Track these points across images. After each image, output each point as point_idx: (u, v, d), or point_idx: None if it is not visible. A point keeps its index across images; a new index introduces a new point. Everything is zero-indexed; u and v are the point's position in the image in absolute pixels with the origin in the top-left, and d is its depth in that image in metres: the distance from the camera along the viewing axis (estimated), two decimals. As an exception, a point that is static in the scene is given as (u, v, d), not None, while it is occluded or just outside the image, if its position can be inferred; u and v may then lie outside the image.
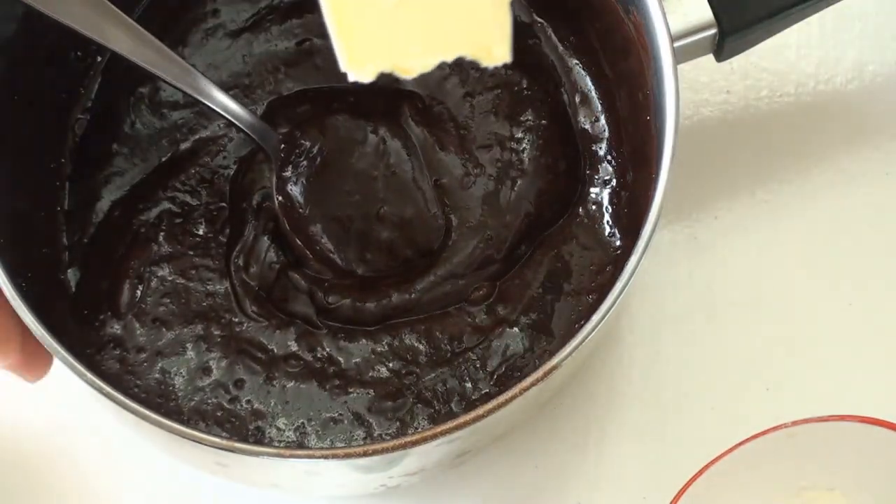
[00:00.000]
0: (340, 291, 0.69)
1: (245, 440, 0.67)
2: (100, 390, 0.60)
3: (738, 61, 0.77)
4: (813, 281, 0.75)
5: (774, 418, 0.64)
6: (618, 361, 0.74)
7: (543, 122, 0.72)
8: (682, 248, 0.76)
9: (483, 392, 0.68)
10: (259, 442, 0.67)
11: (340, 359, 0.69)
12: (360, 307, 0.69)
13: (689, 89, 0.78)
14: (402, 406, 0.68)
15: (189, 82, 0.68)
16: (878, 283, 0.75)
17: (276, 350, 0.69)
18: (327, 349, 0.69)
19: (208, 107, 0.69)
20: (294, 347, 0.69)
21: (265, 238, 0.70)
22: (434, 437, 0.59)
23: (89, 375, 0.60)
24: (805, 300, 0.75)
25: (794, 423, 0.64)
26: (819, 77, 0.79)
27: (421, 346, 0.69)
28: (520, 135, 0.72)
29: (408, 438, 0.59)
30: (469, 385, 0.68)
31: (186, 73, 0.68)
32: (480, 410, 0.59)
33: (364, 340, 0.69)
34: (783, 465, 0.65)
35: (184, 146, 0.72)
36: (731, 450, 0.63)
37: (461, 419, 0.59)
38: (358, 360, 0.69)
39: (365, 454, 0.59)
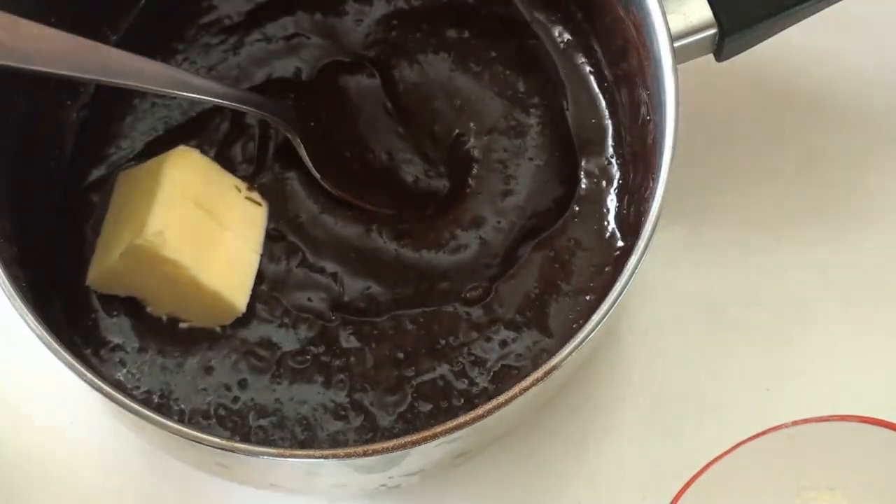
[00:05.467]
0: (355, 280, 0.70)
1: (247, 439, 0.67)
2: (99, 390, 0.60)
3: (738, 61, 0.77)
4: (813, 281, 0.75)
5: (774, 418, 0.64)
6: (618, 362, 0.74)
7: (542, 123, 0.73)
8: (682, 248, 0.75)
9: (481, 388, 0.68)
10: (262, 441, 0.67)
11: (344, 353, 0.69)
12: (371, 297, 0.69)
13: (690, 90, 0.77)
14: (403, 400, 0.68)
15: (183, 85, 0.68)
16: (878, 282, 0.75)
17: (282, 348, 0.69)
18: (333, 344, 0.69)
19: (213, 103, 0.70)
20: (301, 344, 0.69)
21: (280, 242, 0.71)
22: (434, 437, 0.59)
23: (89, 375, 0.60)
24: (805, 300, 0.75)
25: (794, 423, 0.64)
26: (819, 77, 0.79)
27: (421, 341, 0.69)
28: (517, 136, 0.72)
29: (408, 438, 0.59)
30: (467, 381, 0.68)
31: (179, 79, 0.68)
32: (480, 410, 0.59)
33: (368, 334, 0.69)
34: (783, 465, 0.65)
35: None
36: (731, 450, 0.63)
37: (461, 419, 0.59)
38: (362, 354, 0.69)
39: (365, 454, 0.59)
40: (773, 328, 0.74)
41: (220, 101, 0.69)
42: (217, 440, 0.60)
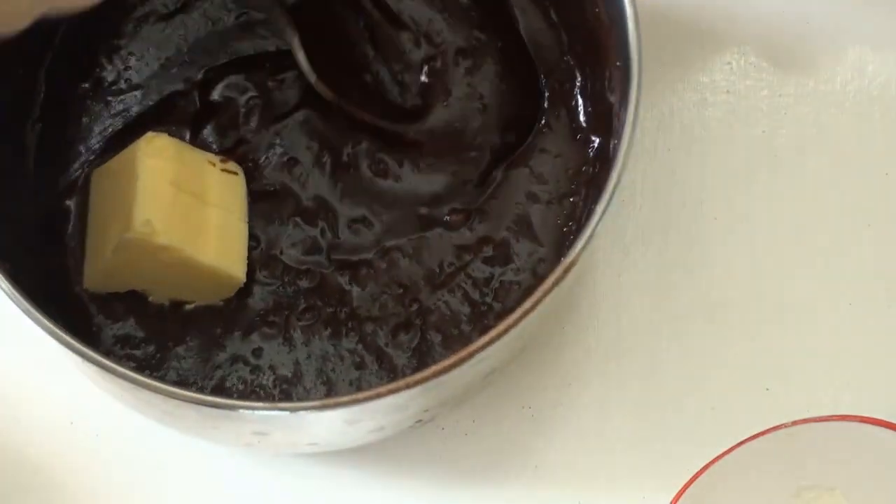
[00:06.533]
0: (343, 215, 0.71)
1: (273, 406, 0.67)
2: (134, 381, 0.59)
3: (737, 61, 0.78)
4: (813, 281, 0.75)
5: (774, 418, 0.64)
6: (617, 361, 0.73)
7: (494, 38, 0.73)
8: (681, 247, 0.75)
9: (487, 306, 0.69)
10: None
11: (347, 302, 0.69)
12: (360, 230, 0.71)
13: (690, 90, 0.78)
14: (415, 336, 0.69)
15: None
16: (878, 282, 0.75)
17: (287, 308, 0.69)
18: (335, 294, 0.69)
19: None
20: (305, 300, 0.69)
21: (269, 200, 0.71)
22: (470, 355, 0.59)
23: (121, 370, 0.59)
24: (805, 300, 0.74)
25: (794, 423, 0.64)
26: (819, 77, 0.78)
27: (416, 273, 0.70)
28: (473, 55, 0.73)
29: (447, 362, 0.59)
30: (471, 303, 0.69)
31: None
32: (510, 320, 0.60)
33: (365, 274, 0.70)
34: (783, 465, 0.65)
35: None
36: (731, 450, 0.63)
37: (494, 332, 0.59)
38: (364, 296, 0.69)
39: (408, 386, 0.59)
40: (773, 328, 0.74)
41: None
42: (262, 404, 0.60)
